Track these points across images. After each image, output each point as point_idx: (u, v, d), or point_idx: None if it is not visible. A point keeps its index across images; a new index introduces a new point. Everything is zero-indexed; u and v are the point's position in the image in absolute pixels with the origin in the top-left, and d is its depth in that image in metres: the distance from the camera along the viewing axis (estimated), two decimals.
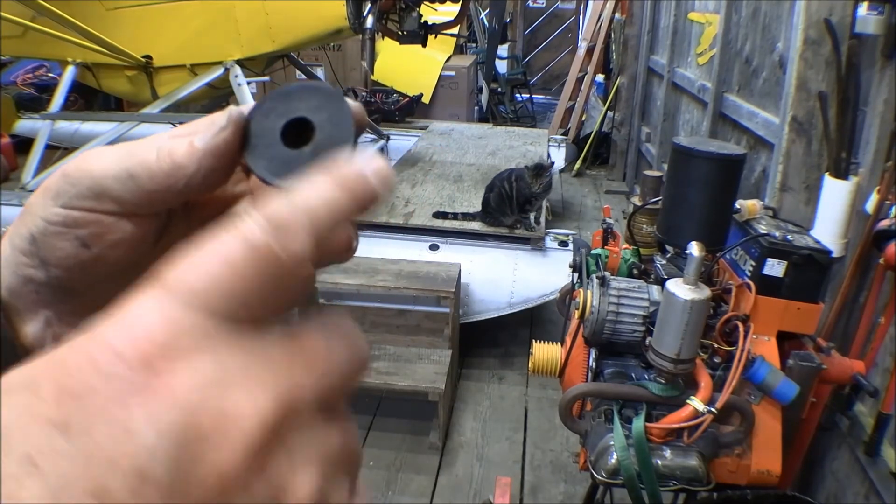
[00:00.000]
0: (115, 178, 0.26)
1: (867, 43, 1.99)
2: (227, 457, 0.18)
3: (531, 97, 8.83)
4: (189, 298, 0.19)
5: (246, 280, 0.19)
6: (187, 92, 3.71)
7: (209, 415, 0.18)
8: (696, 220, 1.45)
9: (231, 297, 0.19)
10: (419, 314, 2.76)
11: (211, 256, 0.19)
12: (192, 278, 0.19)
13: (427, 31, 3.88)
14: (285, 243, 0.20)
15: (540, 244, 3.06)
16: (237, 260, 0.19)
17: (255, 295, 0.19)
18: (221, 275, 0.19)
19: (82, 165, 0.27)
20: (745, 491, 1.39)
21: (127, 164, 0.26)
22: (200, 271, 0.19)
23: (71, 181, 0.27)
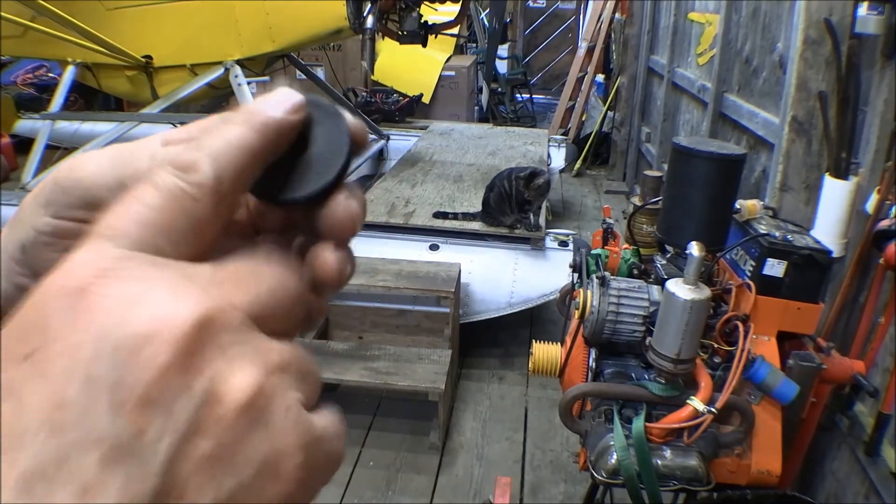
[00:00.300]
0: (108, 189, 0.26)
1: (867, 43, 1.99)
2: (158, 351, 0.20)
3: (531, 97, 8.83)
4: (113, 235, 0.22)
5: (159, 213, 0.22)
6: (187, 92, 3.71)
7: (139, 321, 0.20)
8: (696, 220, 1.45)
9: (149, 229, 0.22)
10: (419, 314, 2.77)
11: (130, 202, 0.23)
12: (115, 221, 0.22)
13: (427, 31, 3.88)
14: (188, 178, 0.23)
15: (540, 244, 3.06)
16: (151, 199, 0.23)
17: (169, 225, 0.23)
18: (138, 213, 0.22)
19: (74, 172, 0.27)
20: (745, 491, 1.39)
21: (120, 172, 0.26)
22: (121, 214, 0.22)
23: (62, 189, 0.27)
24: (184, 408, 0.20)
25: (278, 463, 0.22)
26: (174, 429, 0.20)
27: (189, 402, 0.20)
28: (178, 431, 0.20)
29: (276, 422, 0.22)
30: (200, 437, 0.20)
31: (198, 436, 0.20)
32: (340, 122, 0.26)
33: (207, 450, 0.20)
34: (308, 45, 4.00)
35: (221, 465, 0.21)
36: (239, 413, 0.21)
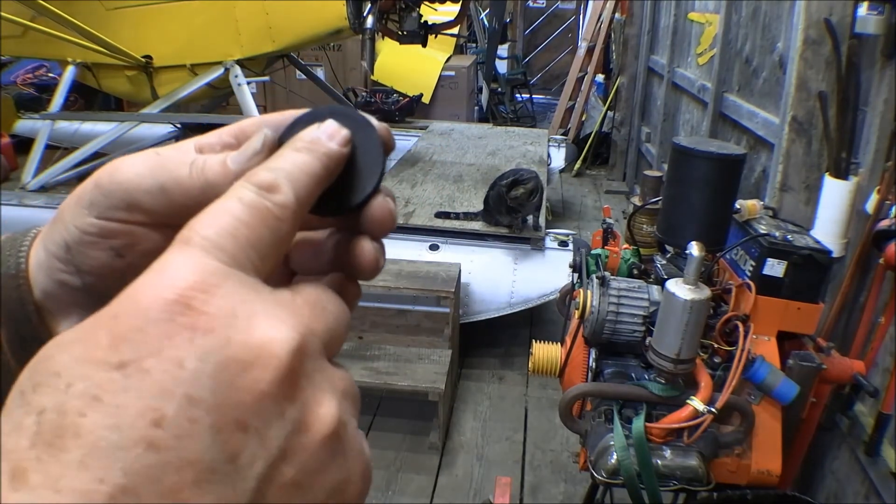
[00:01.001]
0: (148, 192, 0.27)
1: (867, 43, 1.99)
2: (261, 378, 0.20)
3: (531, 97, 8.83)
4: (208, 246, 0.22)
5: (250, 229, 0.23)
6: (187, 92, 3.72)
7: (243, 343, 0.20)
8: (696, 220, 1.45)
9: (241, 243, 0.22)
10: (419, 314, 2.76)
11: (219, 214, 0.23)
12: (208, 231, 0.22)
13: (427, 31, 3.88)
14: (273, 199, 0.23)
15: (540, 244, 3.06)
16: (240, 215, 0.23)
17: (258, 242, 0.23)
18: (230, 226, 0.22)
19: (115, 177, 0.28)
20: (745, 491, 1.39)
21: (160, 177, 0.27)
22: (213, 225, 0.22)
23: (104, 192, 0.28)
24: (276, 434, 0.21)
25: (344, 490, 0.23)
26: (266, 454, 0.20)
27: (282, 429, 0.21)
28: (270, 457, 0.20)
29: (348, 451, 0.23)
30: (287, 463, 0.21)
31: (285, 462, 0.21)
32: (372, 131, 0.28)
33: (291, 476, 0.21)
34: (308, 45, 4.00)
35: (301, 491, 0.21)
36: (323, 442, 0.22)
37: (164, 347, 0.19)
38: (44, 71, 6.31)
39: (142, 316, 0.20)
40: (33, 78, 6.28)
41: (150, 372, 0.19)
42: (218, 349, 0.20)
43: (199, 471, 0.19)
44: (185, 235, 0.22)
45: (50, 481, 0.18)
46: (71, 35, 3.34)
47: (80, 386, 0.19)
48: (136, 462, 0.18)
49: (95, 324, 0.20)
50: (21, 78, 6.25)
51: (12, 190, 3.70)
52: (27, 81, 6.24)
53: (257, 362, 0.20)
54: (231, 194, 0.23)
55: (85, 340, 0.20)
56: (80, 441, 0.18)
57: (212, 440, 0.19)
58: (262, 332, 0.21)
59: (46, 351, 0.20)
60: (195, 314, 0.20)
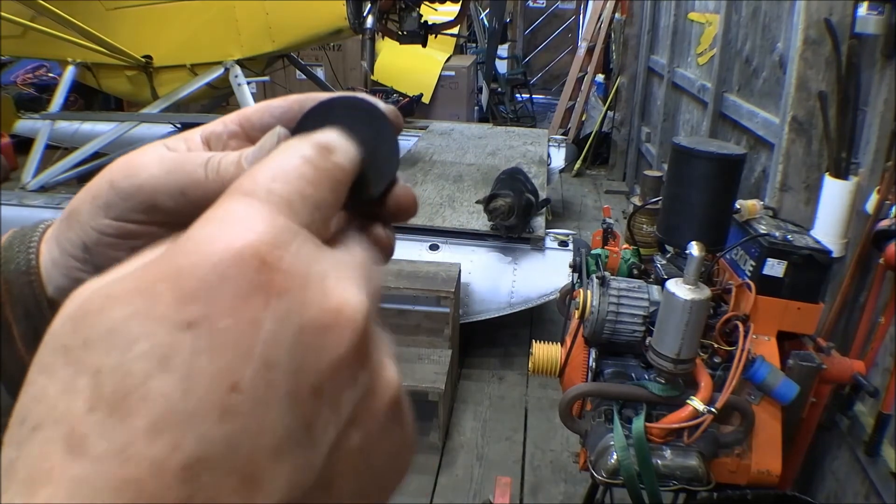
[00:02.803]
0: (167, 194, 0.27)
1: (867, 43, 1.99)
2: (338, 342, 0.19)
3: (531, 97, 8.83)
4: (275, 200, 0.20)
5: (314, 188, 0.21)
6: (187, 92, 3.72)
7: (320, 306, 0.19)
8: (696, 220, 1.45)
9: (305, 200, 0.21)
10: (419, 314, 2.76)
11: (284, 169, 0.21)
12: (275, 186, 0.20)
13: (427, 31, 3.88)
14: (333, 159, 0.23)
15: (540, 244, 3.06)
16: (306, 172, 0.21)
17: (321, 203, 0.22)
18: (297, 183, 0.21)
19: (131, 180, 0.28)
20: (745, 491, 1.39)
21: (177, 180, 0.27)
22: (280, 179, 0.21)
23: (121, 195, 0.28)
24: (348, 400, 0.20)
25: (401, 456, 0.23)
26: (337, 421, 0.19)
27: (353, 394, 0.20)
28: (340, 423, 0.20)
29: (405, 416, 0.23)
30: (355, 429, 0.20)
31: (354, 428, 0.20)
32: (384, 118, 0.28)
33: (358, 441, 0.20)
34: (308, 45, 4.01)
35: (365, 457, 0.21)
36: (388, 407, 0.21)
37: (239, 307, 0.18)
38: (44, 71, 6.31)
39: (211, 270, 0.18)
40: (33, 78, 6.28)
41: (223, 333, 0.17)
42: (295, 311, 0.19)
43: (276, 438, 0.18)
44: (247, 187, 0.20)
45: (115, 449, 0.16)
46: (71, 35, 3.34)
47: (144, 346, 0.17)
48: (212, 429, 0.17)
49: (152, 275, 0.18)
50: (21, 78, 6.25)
51: (12, 190, 3.70)
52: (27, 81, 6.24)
53: (335, 326, 0.19)
54: (291, 150, 0.22)
55: (143, 294, 0.18)
56: (149, 406, 0.16)
57: (288, 407, 0.18)
58: (339, 295, 0.20)
59: (91, 301, 0.18)
60: (271, 272, 0.18)
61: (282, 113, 0.30)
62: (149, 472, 0.16)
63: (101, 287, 0.18)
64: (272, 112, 0.30)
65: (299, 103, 0.29)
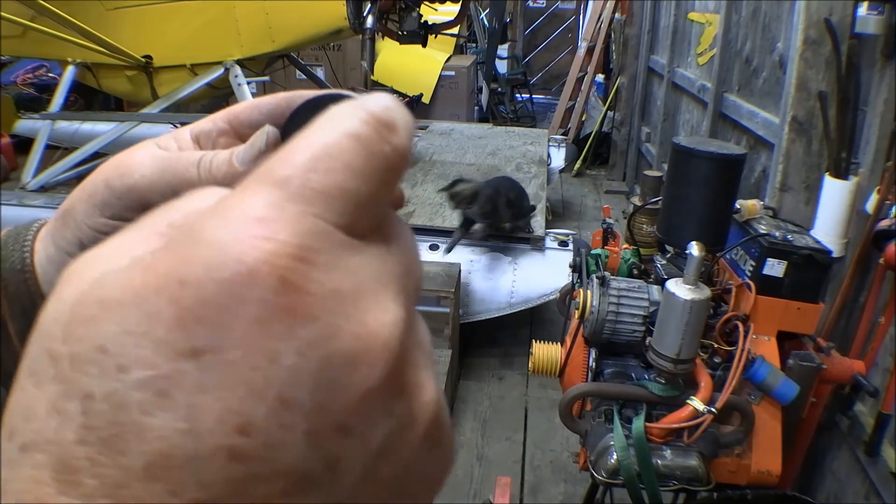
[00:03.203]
0: (160, 194, 0.27)
1: (867, 43, 1.99)
2: (370, 374, 0.16)
3: (531, 97, 8.82)
4: (309, 195, 0.16)
5: (361, 177, 0.17)
6: (187, 92, 3.72)
7: (351, 331, 0.16)
8: (696, 220, 1.45)
9: (347, 196, 0.17)
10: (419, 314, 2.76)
11: (327, 154, 0.17)
12: (314, 178, 0.17)
13: (427, 31, 3.88)
14: (390, 137, 0.18)
15: (540, 244, 3.06)
16: (355, 161, 0.17)
17: (367, 195, 0.17)
18: (338, 169, 0.17)
19: (125, 179, 0.28)
20: (745, 491, 1.39)
21: (170, 180, 0.27)
22: (320, 170, 0.17)
23: (116, 194, 0.28)
24: (381, 432, 0.17)
25: (438, 475, 0.21)
26: (366, 456, 0.17)
27: (387, 425, 0.17)
28: (371, 458, 0.17)
29: (444, 436, 0.20)
30: (386, 461, 0.18)
31: (384, 460, 0.17)
32: None
33: (391, 473, 0.18)
34: (308, 45, 4.01)
35: (397, 487, 0.18)
36: (426, 432, 0.19)
37: (253, 336, 0.15)
38: (44, 71, 6.31)
39: (222, 290, 0.15)
40: (33, 78, 6.28)
41: (234, 366, 0.15)
42: (322, 341, 0.16)
43: (292, 482, 0.15)
44: (278, 174, 0.17)
45: (107, 490, 0.14)
46: (71, 35, 3.34)
47: (140, 374, 0.15)
48: (217, 474, 0.15)
49: (152, 280, 0.15)
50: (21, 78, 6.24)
51: (12, 190, 3.70)
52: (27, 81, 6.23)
53: (367, 356, 0.16)
54: (337, 123, 0.18)
55: (140, 306, 0.15)
56: (146, 446, 0.14)
57: (308, 448, 0.16)
58: (374, 318, 0.17)
59: (83, 304, 0.16)
60: (294, 294, 0.15)
61: (270, 110, 0.30)
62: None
63: (94, 284, 0.16)
64: (261, 109, 0.30)
65: (287, 100, 0.29)
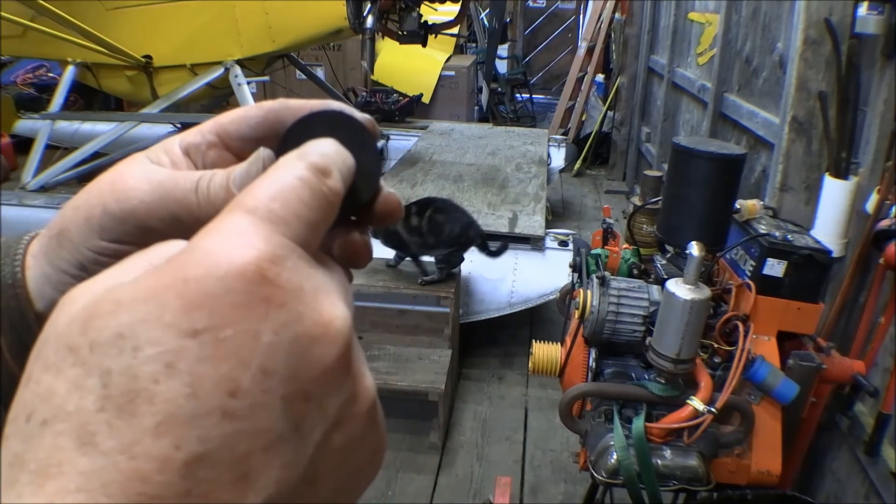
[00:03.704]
0: (160, 219, 0.28)
1: (867, 43, 1.99)
2: (328, 353, 0.21)
3: (531, 97, 8.83)
4: (274, 219, 0.21)
5: (309, 210, 0.23)
6: (187, 92, 3.72)
7: (312, 319, 0.21)
8: (696, 220, 1.45)
9: (300, 220, 0.22)
10: (419, 314, 2.76)
11: (281, 189, 0.22)
12: (275, 206, 0.22)
13: (427, 31, 3.88)
14: (328, 183, 0.24)
15: (540, 244, 3.06)
16: (302, 195, 0.23)
17: (313, 220, 0.23)
18: (294, 204, 0.22)
19: (123, 203, 0.28)
20: (745, 491, 1.39)
21: (168, 205, 0.27)
22: (278, 199, 0.22)
23: (115, 219, 0.28)
24: (333, 403, 0.22)
25: (376, 456, 0.25)
26: (323, 422, 0.21)
27: (338, 399, 0.22)
28: (326, 424, 0.21)
29: (380, 421, 0.25)
30: (339, 430, 0.22)
31: (337, 429, 0.22)
32: (361, 127, 0.28)
33: (341, 442, 0.22)
34: (308, 45, 4.01)
35: (346, 456, 0.23)
36: (367, 412, 0.24)
37: (241, 318, 0.19)
38: (44, 71, 6.31)
39: (217, 283, 0.19)
40: (33, 78, 6.28)
41: (226, 342, 0.19)
42: (291, 323, 0.20)
43: (269, 438, 0.19)
44: (248, 204, 0.22)
45: (123, 446, 0.18)
46: (71, 35, 3.34)
47: (151, 351, 0.18)
48: (212, 430, 0.18)
49: (159, 283, 0.20)
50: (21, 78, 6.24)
51: (12, 190, 3.70)
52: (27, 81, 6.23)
53: (325, 338, 0.21)
54: (288, 170, 0.23)
55: (151, 301, 0.19)
56: (155, 408, 0.18)
57: (281, 410, 0.20)
58: (328, 309, 0.22)
59: (99, 305, 0.19)
60: (270, 287, 0.20)
61: (257, 123, 0.30)
62: (153, 467, 0.18)
63: (108, 291, 0.20)
64: (248, 122, 0.30)
65: (274, 112, 0.29)
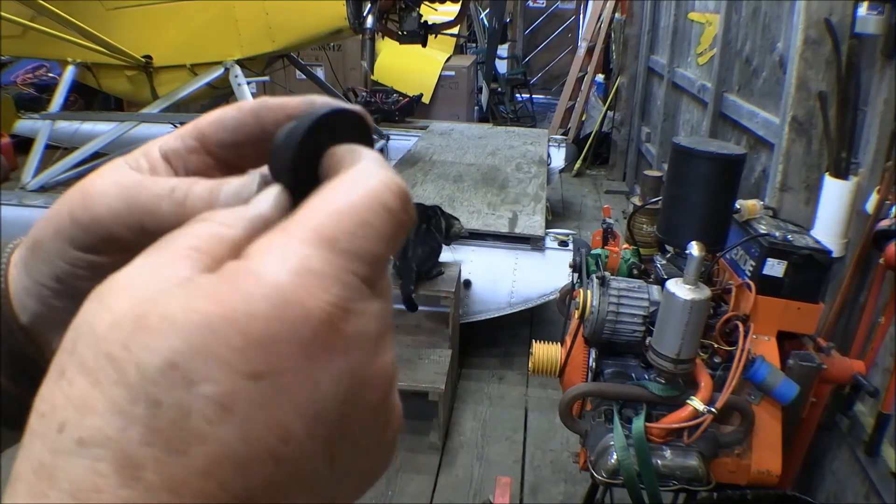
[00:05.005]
0: (127, 227, 0.26)
1: (867, 43, 1.99)
2: (376, 397, 0.21)
3: (531, 97, 8.83)
4: (351, 256, 0.20)
5: (387, 241, 0.21)
6: (187, 92, 3.71)
7: (370, 367, 0.21)
8: (696, 220, 1.45)
9: (378, 257, 0.21)
10: (419, 314, 2.76)
11: (362, 217, 0.21)
12: (354, 239, 0.20)
13: (427, 31, 3.88)
14: (408, 209, 0.22)
15: (540, 244, 3.06)
16: (384, 223, 0.21)
17: (387, 256, 0.21)
18: (372, 236, 0.21)
19: (91, 211, 0.26)
20: (745, 491, 1.39)
21: (136, 212, 0.26)
22: (357, 231, 0.20)
23: (84, 229, 0.27)
24: (369, 437, 0.22)
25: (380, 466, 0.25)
26: (355, 454, 0.22)
27: (374, 432, 0.22)
28: (358, 455, 0.22)
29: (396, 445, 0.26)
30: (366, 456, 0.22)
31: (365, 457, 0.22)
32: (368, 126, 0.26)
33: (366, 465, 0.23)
34: (308, 45, 4.00)
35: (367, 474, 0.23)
36: (395, 438, 0.24)
37: (304, 367, 0.19)
38: (44, 71, 6.31)
39: (285, 328, 0.19)
40: (33, 78, 6.28)
41: (285, 390, 0.18)
42: (350, 372, 0.20)
43: (308, 478, 0.19)
44: (327, 235, 0.20)
45: (169, 484, 0.17)
46: (71, 35, 3.33)
47: (207, 390, 0.18)
48: (259, 474, 0.18)
49: (219, 310, 0.18)
50: (21, 78, 6.25)
51: (12, 190, 3.70)
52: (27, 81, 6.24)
53: (376, 384, 0.21)
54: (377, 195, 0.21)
55: (209, 331, 0.18)
56: (206, 448, 0.18)
57: (323, 451, 0.20)
58: (384, 355, 0.21)
59: (147, 317, 0.18)
60: (337, 336, 0.19)
61: (235, 127, 0.28)
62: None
63: (156, 302, 0.18)
64: (225, 126, 0.28)
65: (253, 113, 0.27)
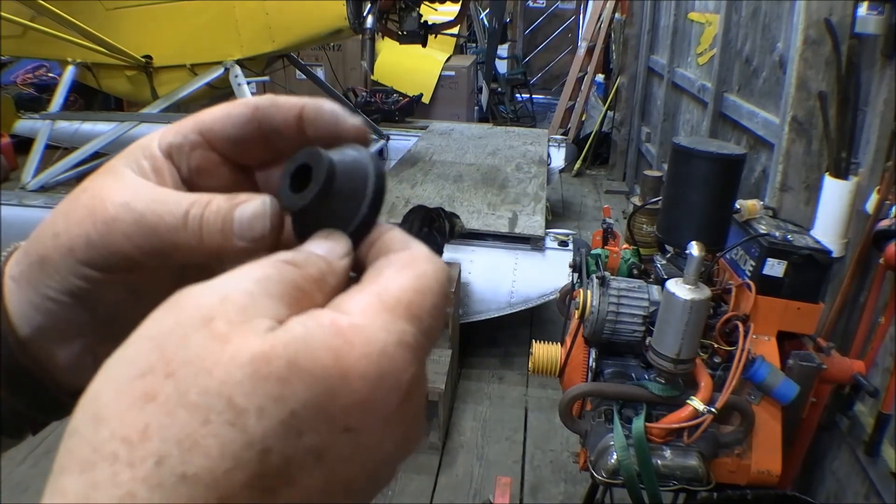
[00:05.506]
0: (147, 255, 0.27)
1: (867, 43, 1.99)
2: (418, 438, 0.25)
3: (531, 97, 8.83)
4: (429, 335, 0.24)
5: (441, 320, 0.25)
6: (187, 92, 3.71)
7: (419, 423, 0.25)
8: (696, 220, 1.45)
9: (437, 335, 0.25)
10: None
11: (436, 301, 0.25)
12: (431, 322, 0.24)
13: (427, 31, 3.88)
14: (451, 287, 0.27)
15: (540, 244, 3.06)
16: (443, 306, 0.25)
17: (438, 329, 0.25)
18: (439, 318, 0.25)
19: (105, 237, 0.27)
20: (745, 491, 1.39)
21: (154, 243, 0.26)
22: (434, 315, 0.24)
23: (100, 252, 0.27)
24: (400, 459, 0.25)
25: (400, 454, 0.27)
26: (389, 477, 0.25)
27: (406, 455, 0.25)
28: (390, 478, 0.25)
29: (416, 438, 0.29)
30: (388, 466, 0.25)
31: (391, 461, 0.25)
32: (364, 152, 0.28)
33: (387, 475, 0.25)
34: (308, 45, 4.00)
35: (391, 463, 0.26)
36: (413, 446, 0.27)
37: (380, 429, 0.22)
38: (44, 71, 6.31)
39: (379, 396, 0.22)
40: (33, 78, 6.28)
41: (362, 447, 0.22)
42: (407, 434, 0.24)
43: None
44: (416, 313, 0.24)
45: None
46: (71, 35, 3.33)
47: (311, 440, 0.20)
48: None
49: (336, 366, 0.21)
50: (21, 78, 6.25)
51: (12, 190, 3.70)
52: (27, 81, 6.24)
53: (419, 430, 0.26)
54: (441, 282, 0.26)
55: (323, 387, 0.21)
56: (292, 492, 0.20)
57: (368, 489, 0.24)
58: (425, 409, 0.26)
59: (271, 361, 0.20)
60: (409, 404, 0.23)
61: (243, 122, 0.28)
62: None
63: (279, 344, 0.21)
64: (233, 121, 0.28)
65: (262, 110, 0.28)
